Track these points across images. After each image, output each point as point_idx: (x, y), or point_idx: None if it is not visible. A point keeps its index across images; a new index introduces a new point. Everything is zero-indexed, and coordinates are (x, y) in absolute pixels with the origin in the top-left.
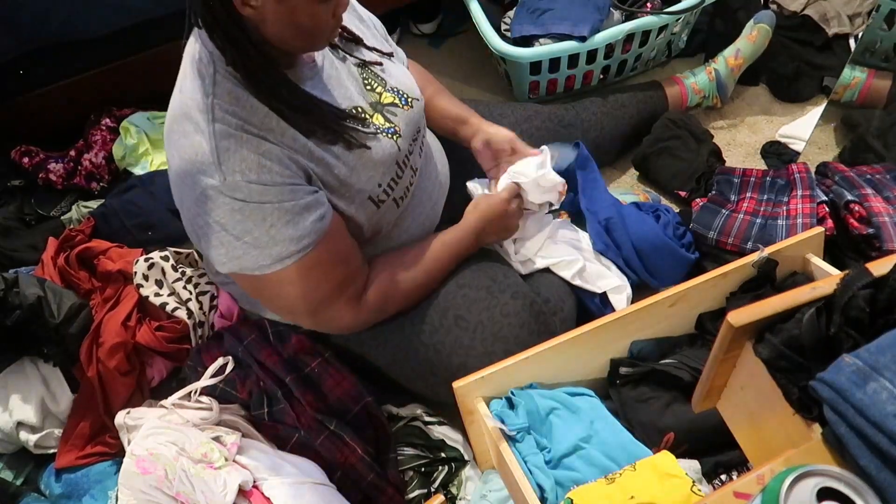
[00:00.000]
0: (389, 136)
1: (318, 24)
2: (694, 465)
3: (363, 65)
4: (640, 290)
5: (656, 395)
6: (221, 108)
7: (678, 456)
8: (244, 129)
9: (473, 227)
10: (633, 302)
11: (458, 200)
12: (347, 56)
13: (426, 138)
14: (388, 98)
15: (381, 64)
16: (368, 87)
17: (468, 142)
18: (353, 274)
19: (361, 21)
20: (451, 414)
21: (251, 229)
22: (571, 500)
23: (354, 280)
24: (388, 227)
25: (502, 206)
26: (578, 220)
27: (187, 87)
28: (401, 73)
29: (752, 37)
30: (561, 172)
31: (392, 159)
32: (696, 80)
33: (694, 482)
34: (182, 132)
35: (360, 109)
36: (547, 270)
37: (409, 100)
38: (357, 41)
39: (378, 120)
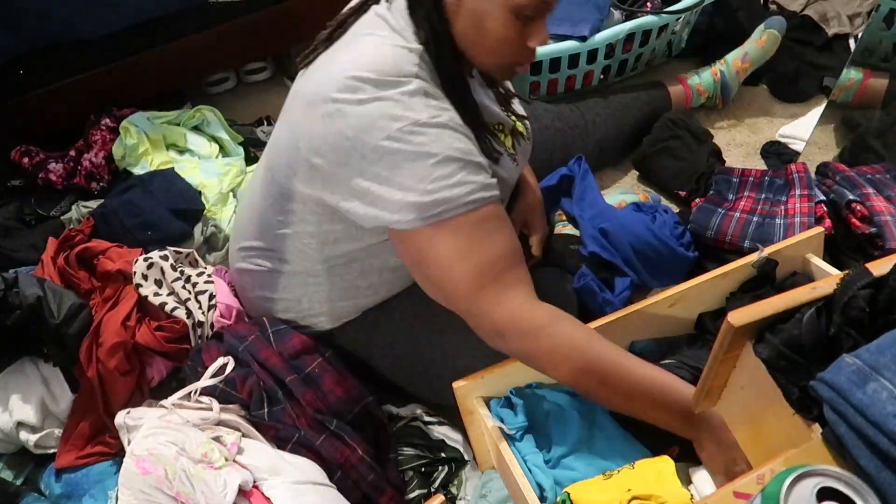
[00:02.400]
0: (512, 160)
1: (505, 39)
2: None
3: (504, 90)
4: (639, 289)
5: None
6: (425, 76)
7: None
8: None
9: (694, 422)
10: (632, 302)
11: None
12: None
13: None
14: (520, 127)
15: (515, 97)
16: (506, 112)
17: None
18: (520, 264)
19: None
20: (451, 414)
21: (450, 157)
22: (569, 495)
23: (523, 271)
24: None
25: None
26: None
27: (371, 49)
28: (522, 112)
29: (762, 42)
30: (553, 186)
31: (513, 183)
32: (701, 81)
33: (692, 497)
34: (378, 85)
35: (501, 126)
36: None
37: (529, 135)
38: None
39: (508, 142)
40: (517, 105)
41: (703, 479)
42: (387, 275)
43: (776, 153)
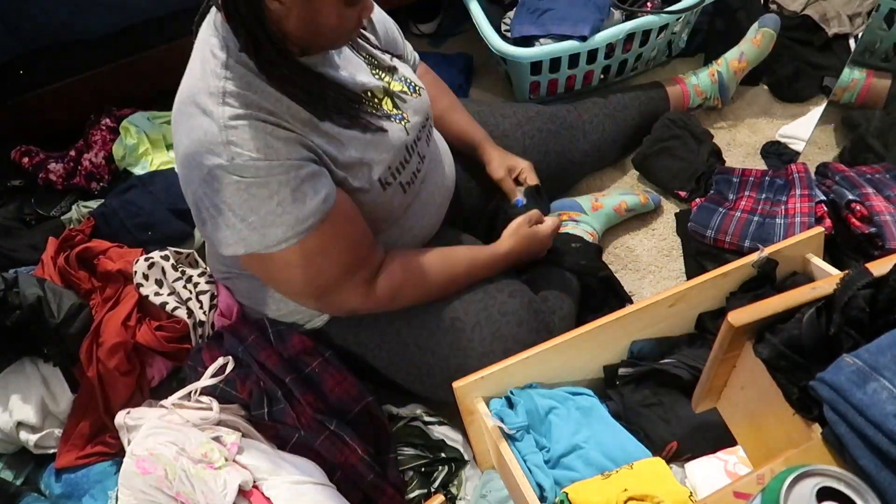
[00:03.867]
0: (398, 121)
1: (341, 25)
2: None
3: (370, 56)
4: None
5: (658, 401)
6: (232, 92)
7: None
8: (254, 115)
9: (508, 249)
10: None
11: (463, 203)
12: (357, 47)
13: (433, 134)
14: (396, 86)
15: (389, 55)
16: (377, 76)
17: (482, 164)
18: (362, 258)
19: (370, 23)
20: (451, 414)
21: (256, 208)
22: (567, 495)
23: (364, 264)
24: (394, 217)
25: (545, 236)
26: None
27: (197, 71)
28: (407, 69)
29: (757, 41)
30: None
31: (402, 144)
32: (699, 82)
33: (691, 493)
34: (190, 114)
35: (370, 93)
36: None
37: (417, 88)
38: (366, 38)
39: (387, 105)
40: (392, 66)
41: (696, 472)
42: None
43: (776, 153)
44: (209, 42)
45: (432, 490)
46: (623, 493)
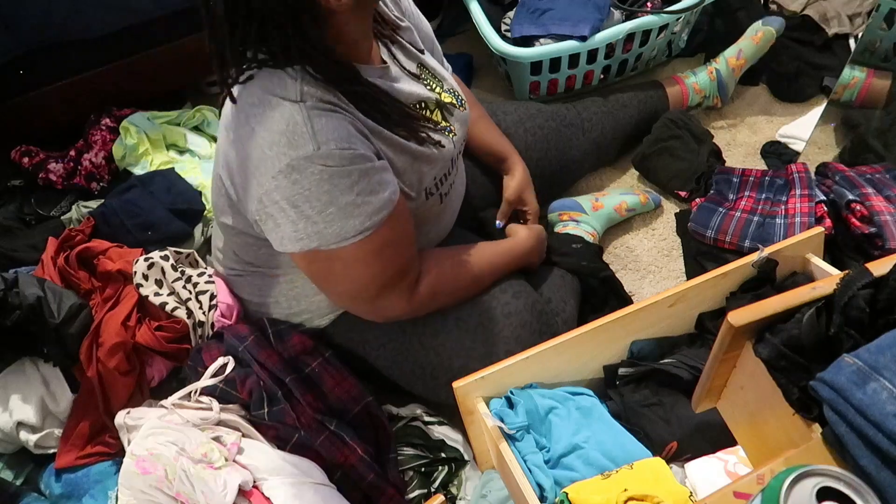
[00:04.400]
0: (447, 134)
1: None
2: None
3: (422, 65)
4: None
5: (658, 401)
6: (309, 92)
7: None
8: (333, 109)
9: (526, 241)
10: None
11: (471, 203)
12: (407, 57)
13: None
14: (446, 98)
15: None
16: (428, 87)
17: (502, 174)
18: (413, 260)
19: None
20: (451, 414)
21: (337, 199)
22: (567, 495)
23: (413, 267)
24: (427, 225)
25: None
26: None
27: (262, 81)
28: (451, 79)
29: (757, 38)
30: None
31: (449, 157)
32: (697, 80)
33: (691, 493)
34: (269, 105)
35: (423, 104)
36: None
37: (463, 101)
38: (395, 29)
39: (437, 117)
40: (442, 76)
41: (696, 472)
42: None
43: (776, 153)
44: (264, 85)
45: (432, 490)
46: (623, 493)
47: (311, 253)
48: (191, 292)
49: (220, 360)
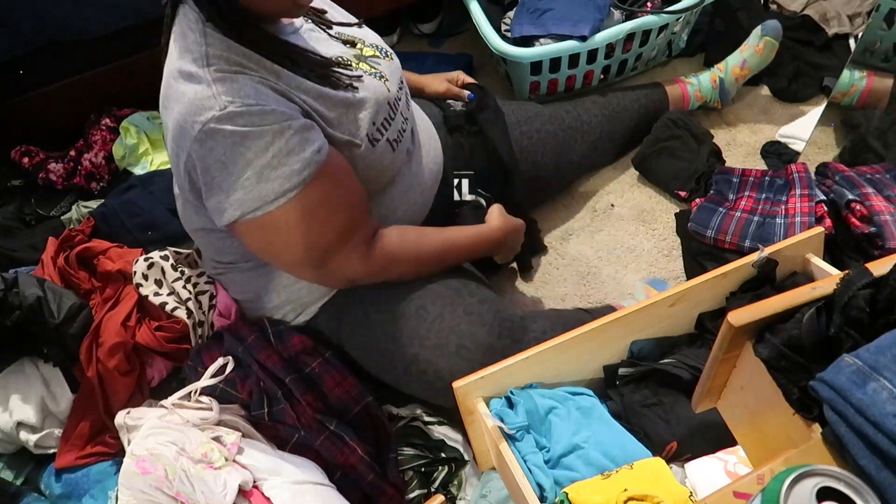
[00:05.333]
0: (377, 78)
1: None
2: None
3: (341, 33)
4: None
5: (658, 401)
6: (214, 54)
7: (683, 462)
8: (240, 70)
9: (498, 226)
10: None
11: (447, 198)
12: (326, 27)
13: (412, 105)
14: (368, 51)
15: (358, 26)
16: (349, 45)
17: (430, 93)
18: (359, 218)
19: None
20: (451, 414)
21: (252, 161)
22: (567, 495)
23: (362, 225)
24: (386, 178)
25: (521, 226)
26: None
27: (178, 47)
28: (375, 37)
29: (759, 49)
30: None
31: (384, 98)
32: (700, 87)
33: (691, 493)
34: (177, 86)
35: (343, 59)
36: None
37: (388, 52)
38: (321, 12)
39: (363, 66)
40: (358, 32)
41: (696, 472)
42: None
43: (776, 153)
44: (181, 25)
45: (432, 490)
46: (623, 493)
47: (243, 225)
48: (190, 292)
49: (220, 361)
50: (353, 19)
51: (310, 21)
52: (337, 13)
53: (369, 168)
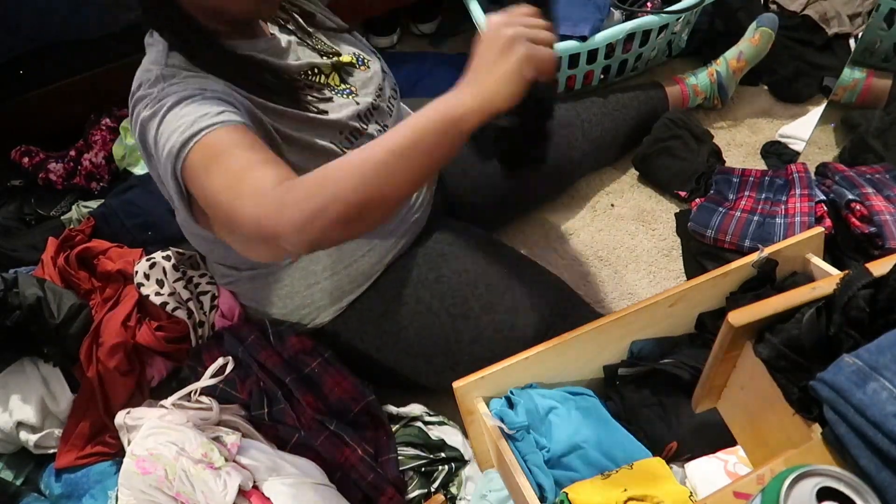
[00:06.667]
0: (345, 96)
1: None
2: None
3: (315, 28)
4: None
5: (658, 401)
6: (174, 64)
7: (683, 462)
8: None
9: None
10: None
11: (452, 192)
12: (305, 34)
13: (400, 109)
14: (346, 58)
15: (345, 32)
16: (322, 52)
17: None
18: (271, 158)
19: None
20: (452, 414)
21: (175, 99)
22: (567, 495)
23: (276, 162)
24: None
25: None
26: None
27: (143, 62)
28: (358, 44)
29: (755, 40)
30: None
31: (353, 114)
32: (698, 82)
33: (691, 493)
34: (140, 104)
35: (317, 69)
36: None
37: (365, 61)
38: (309, 16)
39: (334, 80)
40: (344, 40)
41: (696, 472)
42: None
43: (776, 153)
44: (149, 45)
45: (432, 490)
46: (623, 493)
47: (183, 172)
48: (191, 293)
49: (220, 361)
50: (342, 24)
51: (290, 31)
52: (325, 17)
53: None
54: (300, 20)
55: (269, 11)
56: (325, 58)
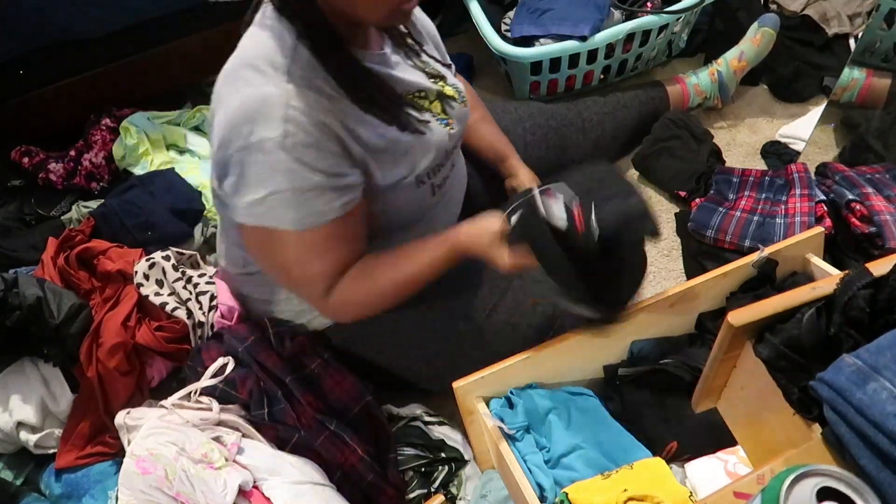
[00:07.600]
0: (443, 125)
1: None
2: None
3: (424, 57)
4: None
5: (658, 401)
6: (297, 74)
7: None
8: (316, 94)
9: (456, 233)
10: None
11: (474, 203)
12: (411, 54)
13: (458, 154)
14: (449, 91)
15: (447, 66)
16: (433, 80)
17: (504, 177)
18: (350, 257)
19: (420, 35)
20: (451, 414)
21: (286, 189)
22: (567, 495)
23: (348, 262)
24: (417, 217)
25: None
26: None
27: (263, 40)
28: (455, 80)
29: (756, 40)
30: None
31: (443, 147)
32: (699, 81)
33: (691, 493)
34: (249, 80)
35: (423, 93)
36: None
37: (465, 98)
38: (420, 45)
39: (436, 108)
40: (446, 71)
41: (696, 472)
42: None
43: (776, 153)
44: (272, 25)
45: (432, 490)
46: (623, 493)
47: (250, 227)
48: (191, 293)
49: (220, 361)
50: (447, 59)
51: (401, 52)
52: (433, 50)
53: (405, 207)
54: (410, 41)
55: (403, 19)
56: (432, 81)
